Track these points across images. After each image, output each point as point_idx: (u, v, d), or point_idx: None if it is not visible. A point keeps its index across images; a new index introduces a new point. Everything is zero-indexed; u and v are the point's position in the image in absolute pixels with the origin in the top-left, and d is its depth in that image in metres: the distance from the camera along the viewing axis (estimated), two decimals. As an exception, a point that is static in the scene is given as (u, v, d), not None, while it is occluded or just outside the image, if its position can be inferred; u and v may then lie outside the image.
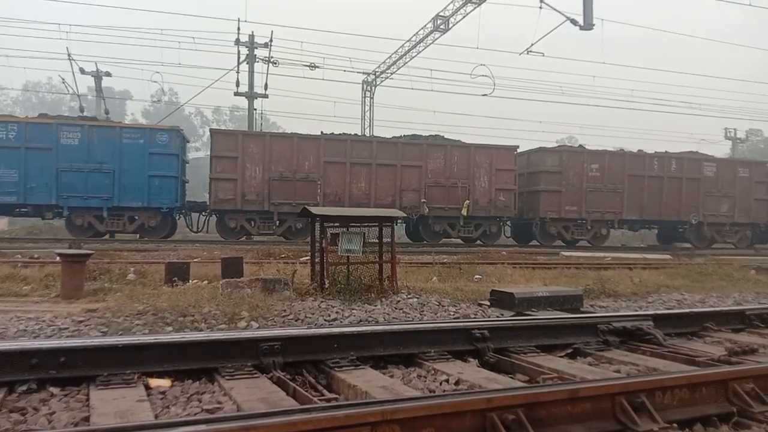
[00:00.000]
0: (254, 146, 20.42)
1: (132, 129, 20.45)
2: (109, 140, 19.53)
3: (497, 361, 4.14)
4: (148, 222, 20.21)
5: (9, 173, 18.89)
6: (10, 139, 18.91)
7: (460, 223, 22.14)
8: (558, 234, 23.41)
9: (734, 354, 4.22)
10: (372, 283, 7.11)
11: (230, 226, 20.64)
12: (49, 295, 7.59)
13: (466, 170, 22.01)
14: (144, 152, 19.73)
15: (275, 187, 20.42)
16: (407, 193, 21.55)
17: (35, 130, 19.13)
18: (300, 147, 20.76)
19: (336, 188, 21.00)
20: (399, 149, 21.60)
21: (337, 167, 20.97)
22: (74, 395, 3.18)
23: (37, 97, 65.70)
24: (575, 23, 18.97)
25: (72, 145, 19.25)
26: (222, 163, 20.25)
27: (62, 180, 19.20)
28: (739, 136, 47.15)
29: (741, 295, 8.54)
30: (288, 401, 3.02)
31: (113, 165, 19.51)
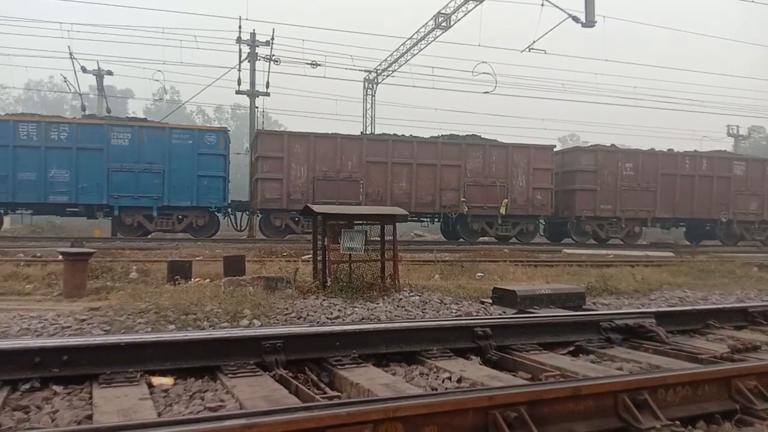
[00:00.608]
0: (299, 147, 20.81)
1: (181, 130, 20.79)
2: (158, 141, 19.90)
3: (499, 358, 4.14)
4: (197, 221, 20.60)
5: (61, 173, 19.20)
6: (62, 140, 19.20)
7: (499, 222, 22.47)
8: (593, 232, 23.72)
9: (737, 351, 4.21)
10: (374, 281, 7.11)
11: (275, 224, 21.00)
12: (51, 294, 7.61)
13: (504, 169, 22.37)
14: (193, 152, 20.13)
15: (319, 187, 20.82)
16: (447, 192, 21.91)
17: (86, 131, 19.45)
18: (343, 147, 21.16)
19: (378, 188, 21.40)
20: (439, 149, 21.95)
21: (379, 167, 21.38)
22: (77, 393, 3.18)
23: (39, 95, 65.79)
24: (577, 20, 18.95)
25: (122, 146, 19.62)
26: (268, 163, 20.62)
27: (113, 180, 19.55)
28: (741, 133, 47.04)
29: (743, 292, 8.53)
30: (290, 399, 3.03)
31: (163, 165, 19.87)
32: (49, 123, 19.47)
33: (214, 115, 68.08)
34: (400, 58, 31.68)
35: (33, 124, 19.24)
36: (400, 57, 31.62)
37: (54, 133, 19.20)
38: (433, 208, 22.03)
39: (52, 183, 19.17)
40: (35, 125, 19.21)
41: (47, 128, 19.22)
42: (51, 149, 19.12)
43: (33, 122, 19.38)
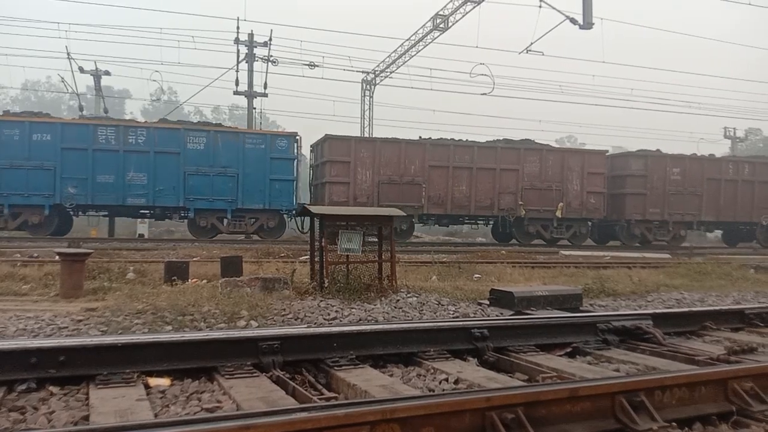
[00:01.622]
0: (365, 151, 21.39)
1: (254, 135, 21.31)
2: (232, 145, 20.35)
3: (497, 360, 4.14)
4: (268, 223, 21.08)
5: (139, 176, 19.61)
6: (140, 144, 19.65)
7: (554, 225, 23.13)
8: (641, 235, 24.29)
9: (733, 353, 4.22)
10: (371, 282, 7.11)
11: None
12: (48, 294, 7.59)
13: (560, 173, 22.98)
14: (265, 157, 20.56)
15: (384, 190, 21.36)
16: (504, 195, 22.45)
17: (163, 135, 19.88)
18: (407, 151, 21.68)
19: (439, 191, 21.92)
20: (497, 153, 22.45)
21: (440, 171, 21.90)
22: (74, 394, 3.18)
23: (36, 95, 65.64)
24: (575, 22, 18.97)
25: (198, 150, 20.06)
26: (336, 167, 21.17)
27: (189, 183, 19.99)
28: (738, 135, 47.17)
29: (740, 294, 8.55)
30: (287, 400, 3.02)
31: (237, 169, 20.32)
32: (127, 127, 20.02)
33: (211, 116, 68.01)
34: (398, 59, 31.67)
35: (112, 128, 19.70)
36: (398, 58, 31.61)
37: (132, 137, 19.69)
38: (492, 211, 22.62)
39: (129, 186, 19.63)
40: (114, 129, 19.68)
41: (125, 132, 19.70)
42: (129, 153, 19.60)
43: (112, 126, 19.85)
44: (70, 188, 19.21)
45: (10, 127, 18.93)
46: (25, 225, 19.64)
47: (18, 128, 18.94)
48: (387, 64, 32.68)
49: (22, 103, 67.36)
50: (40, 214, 19.48)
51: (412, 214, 21.77)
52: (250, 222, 20.80)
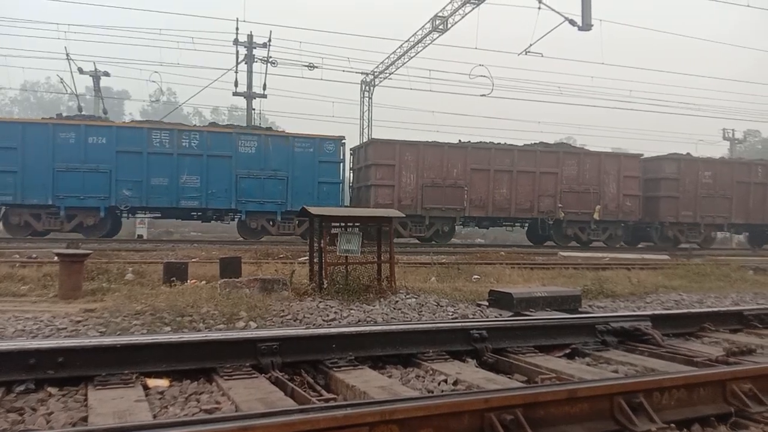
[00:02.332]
0: (409, 155, 21.84)
1: (303, 138, 21.50)
2: (282, 149, 20.88)
3: (495, 361, 4.14)
4: None
5: (192, 179, 20.10)
6: (193, 147, 20.13)
7: (591, 227, 23.73)
8: (674, 237, 24.91)
9: (732, 354, 4.22)
10: (370, 284, 7.11)
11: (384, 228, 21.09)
12: (47, 295, 7.58)
13: (597, 177, 23.54)
14: (314, 160, 21.09)
15: (427, 193, 21.88)
16: (544, 198, 22.99)
17: (215, 139, 20.40)
18: (449, 155, 22.16)
19: (480, 194, 22.42)
20: (537, 157, 22.98)
21: (482, 174, 22.39)
22: (72, 395, 3.17)
23: (36, 96, 65.59)
24: (574, 24, 18.96)
25: (249, 154, 20.54)
26: (381, 170, 21.70)
27: (240, 186, 20.45)
28: (737, 137, 47.25)
29: (739, 295, 8.55)
30: (286, 401, 3.02)
31: (286, 172, 20.83)
32: (180, 131, 20.38)
33: (210, 117, 67.99)
34: (397, 60, 31.67)
35: (165, 132, 20.07)
36: (397, 59, 31.61)
37: (185, 140, 20.11)
38: (531, 214, 23.10)
39: (183, 188, 20.06)
40: (168, 133, 20.06)
41: (179, 136, 20.10)
42: (183, 156, 20.01)
43: (165, 130, 20.20)
44: (125, 191, 19.66)
45: (66, 130, 19.29)
46: (80, 227, 19.91)
47: (74, 131, 19.31)
48: (386, 65, 32.68)
49: (21, 103, 67.37)
50: (95, 216, 19.83)
51: (455, 216, 22.40)
52: (299, 224, 21.14)
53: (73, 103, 32.26)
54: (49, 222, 19.64)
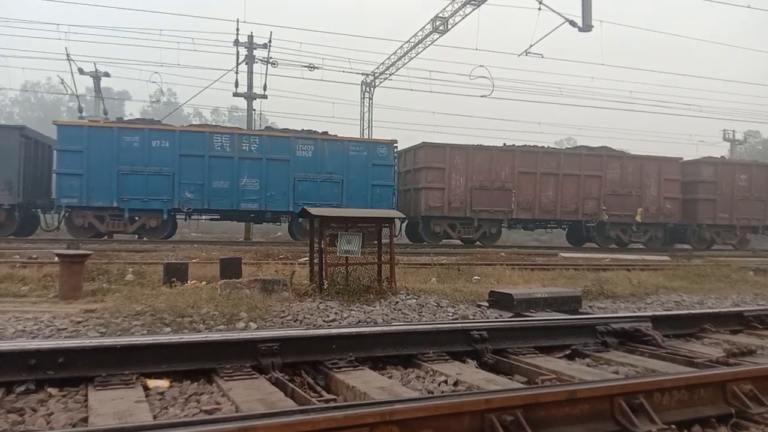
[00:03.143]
0: (459, 158, 22.24)
1: (357, 142, 22.13)
2: (337, 153, 21.23)
3: (496, 362, 4.14)
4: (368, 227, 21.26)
5: (252, 182, 20.46)
6: (253, 151, 20.53)
7: (633, 229, 24.19)
8: (711, 238, 25.55)
9: (732, 355, 4.22)
10: (371, 284, 7.11)
11: (435, 230, 22.49)
12: (47, 296, 7.57)
13: (639, 180, 24.07)
14: (367, 163, 21.42)
15: (476, 196, 22.27)
16: (588, 201, 23.48)
17: (274, 143, 20.74)
18: (497, 158, 22.59)
19: (527, 197, 22.83)
20: (582, 160, 23.51)
21: (529, 177, 22.82)
22: (72, 396, 3.17)
23: (36, 97, 65.64)
24: (574, 25, 18.96)
25: (306, 157, 20.95)
26: (432, 173, 22.12)
27: (298, 189, 20.83)
28: (737, 138, 47.20)
29: (739, 296, 8.55)
30: (286, 402, 3.02)
31: (341, 175, 21.20)
32: (241, 135, 20.87)
33: (211, 118, 68.02)
34: (398, 61, 31.68)
35: (227, 136, 20.47)
36: (398, 60, 31.62)
37: (245, 144, 20.48)
38: (576, 216, 23.56)
39: (243, 191, 20.39)
40: (228, 137, 20.45)
41: (240, 140, 20.47)
42: (243, 159, 20.38)
43: (227, 134, 20.65)
44: (187, 193, 19.97)
45: (130, 134, 19.64)
46: (142, 228, 20.20)
47: (138, 135, 19.63)
48: (386, 66, 32.70)
49: (22, 104, 67.41)
50: (158, 218, 20.12)
51: (502, 218, 22.82)
52: None
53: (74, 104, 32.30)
54: (112, 224, 19.93)
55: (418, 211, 22.32)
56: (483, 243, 22.69)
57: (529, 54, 21.57)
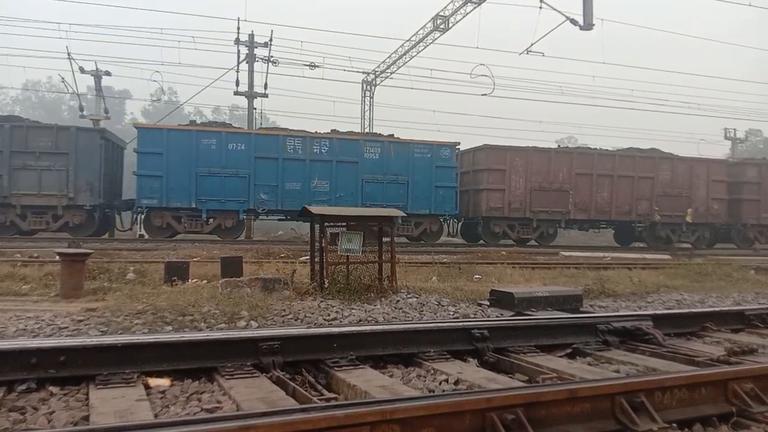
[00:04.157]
0: (518, 160, 22.77)
1: (421, 144, 22.29)
2: (403, 155, 21.70)
3: (497, 360, 4.14)
4: (431, 227, 22.40)
5: (322, 183, 21.00)
6: (323, 153, 21.05)
7: (683, 229, 24.79)
8: (754, 237, 26.14)
9: (733, 354, 4.22)
10: (371, 283, 7.11)
11: (494, 231, 23.01)
12: (48, 295, 7.59)
13: (688, 181, 24.67)
14: (431, 165, 21.85)
15: (535, 197, 22.78)
16: (641, 201, 24.03)
17: (344, 146, 21.22)
18: (555, 160, 23.16)
19: (584, 197, 23.38)
20: (636, 162, 24.03)
21: (585, 178, 23.40)
22: (74, 394, 3.18)
23: (37, 96, 65.64)
24: (575, 23, 18.91)
25: (373, 159, 21.42)
26: (493, 175, 22.64)
27: (365, 190, 21.33)
28: (738, 136, 47.13)
29: (740, 295, 8.54)
30: (287, 401, 3.03)
31: (407, 177, 21.66)
32: (312, 138, 21.16)
33: (212, 116, 67.98)
34: (399, 60, 31.63)
35: (299, 139, 20.91)
36: (399, 59, 31.57)
37: (316, 147, 20.98)
38: (630, 216, 24.07)
39: (314, 192, 20.81)
40: (301, 140, 20.89)
41: (311, 143, 20.93)
42: (314, 162, 20.88)
43: (299, 137, 21.03)
44: (262, 194, 20.46)
45: (208, 137, 20.12)
46: (218, 229, 20.63)
47: (215, 138, 20.12)
48: (387, 64, 32.65)
49: (23, 103, 67.37)
50: (234, 219, 20.58)
51: (560, 219, 23.33)
52: (416, 226, 22.06)
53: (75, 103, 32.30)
54: (189, 224, 20.34)
55: (478, 211, 22.90)
56: (539, 243, 23.23)
57: (530, 52, 21.53)
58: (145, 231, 20.42)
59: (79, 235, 19.50)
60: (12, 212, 19.37)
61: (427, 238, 22.35)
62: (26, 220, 19.57)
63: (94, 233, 20.40)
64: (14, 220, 19.54)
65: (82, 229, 19.98)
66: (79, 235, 19.35)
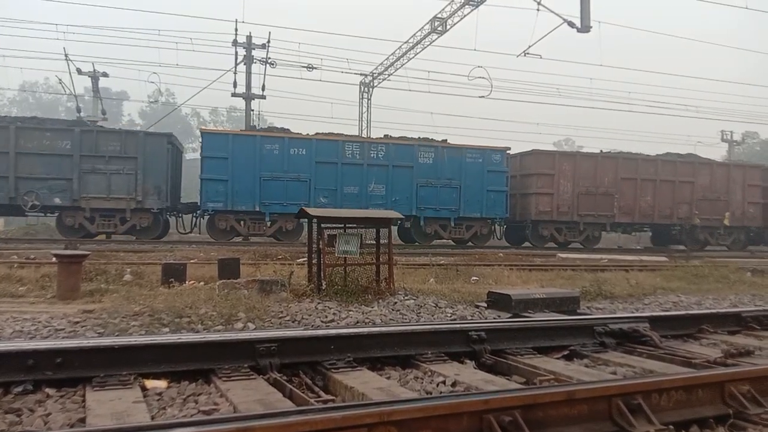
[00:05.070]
0: (567, 164, 23.49)
1: (473, 149, 22.69)
2: (455, 160, 22.16)
3: (494, 362, 4.14)
4: (481, 230, 22.91)
5: (378, 188, 21.52)
6: (379, 158, 21.58)
7: (720, 232, 25.60)
8: None
9: (730, 356, 4.23)
10: (369, 285, 7.11)
11: (543, 234, 23.59)
12: (45, 296, 7.57)
13: (726, 185, 25.45)
14: (483, 170, 22.32)
15: (581, 201, 23.43)
16: (681, 205, 24.77)
17: (399, 151, 21.73)
18: (602, 165, 23.84)
19: (628, 201, 24.07)
20: (677, 167, 24.80)
21: (630, 183, 24.08)
22: (70, 396, 3.17)
23: (34, 97, 65.53)
24: (572, 26, 18.96)
25: (427, 164, 21.92)
26: (542, 179, 23.25)
27: (420, 194, 21.79)
28: (735, 139, 47.28)
29: (737, 297, 8.56)
30: (285, 403, 3.02)
31: (459, 181, 22.14)
32: (369, 143, 22.00)
33: (209, 118, 67.96)
34: (396, 62, 31.66)
35: (357, 145, 21.55)
36: (396, 61, 31.60)
37: (373, 152, 21.54)
38: (671, 220, 24.79)
39: (371, 196, 21.38)
40: (359, 145, 21.53)
41: (368, 148, 21.57)
42: (371, 166, 21.39)
43: (357, 143, 21.71)
44: (322, 198, 20.93)
45: (271, 142, 20.64)
46: (279, 231, 21.00)
47: (278, 143, 20.64)
48: (385, 66, 32.68)
49: (20, 104, 67.26)
50: (295, 222, 20.92)
51: (605, 222, 23.99)
52: (467, 229, 22.56)
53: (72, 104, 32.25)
54: (252, 226, 20.75)
55: (526, 215, 23.39)
56: (585, 245, 23.73)
57: (528, 55, 21.58)
58: (209, 234, 20.87)
59: (144, 237, 20.07)
60: (80, 215, 19.77)
61: (476, 241, 22.80)
62: (94, 222, 19.94)
63: (158, 236, 20.84)
64: (83, 223, 19.87)
65: (148, 232, 20.46)
66: (145, 238, 19.94)
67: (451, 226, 22.26)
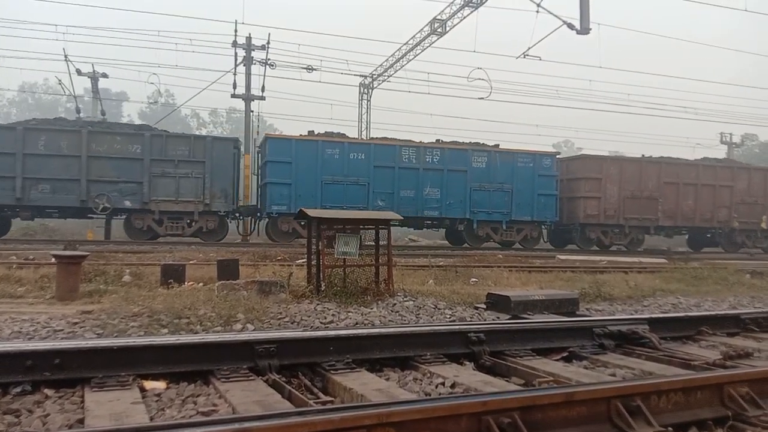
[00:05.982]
0: (613, 168, 24.01)
1: (525, 154, 23.31)
2: (507, 164, 22.57)
3: (493, 364, 4.14)
4: (531, 233, 23.36)
5: (433, 191, 21.93)
6: (435, 163, 21.98)
7: (758, 235, 26.39)
8: None
9: (729, 358, 4.23)
10: (368, 286, 7.10)
11: (590, 237, 24.13)
12: (44, 297, 7.56)
13: (763, 189, 26.26)
14: (533, 174, 22.77)
15: (627, 204, 23.98)
16: (721, 209, 25.46)
17: (453, 155, 22.15)
18: (646, 169, 24.42)
19: (671, 205, 24.70)
20: (716, 172, 25.51)
21: (672, 187, 24.68)
22: (69, 397, 3.16)
23: (33, 98, 65.51)
24: (572, 27, 18.97)
25: (480, 168, 22.35)
26: (589, 183, 23.82)
27: (473, 198, 22.21)
28: (734, 141, 47.27)
29: (736, 299, 8.56)
30: (283, 404, 3.02)
31: (510, 185, 22.54)
32: (425, 148, 22.14)
33: (209, 119, 67.91)
34: (396, 63, 31.67)
35: (413, 149, 21.89)
36: (396, 62, 31.62)
37: (428, 156, 21.91)
38: (711, 223, 25.53)
39: (426, 200, 21.84)
40: (415, 150, 21.87)
41: (424, 152, 21.90)
42: (426, 170, 21.80)
43: (413, 147, 22.00)
44: (379, 201, 21.33)
45: (331, 147, 21.11)
46: None
47: (338, 148, 21.13)
48: (384, 68, 32.69)
49: (19, 105, 67.25)
50: None
51: (649, 225, 24.58)
52: (518, 231, 23.02)
53: (72, 105, 32.24)
54: None
55: (574, 218, 23.93)
56: (628, 248, 24.18)
57: (527, 56, 21.61)
58: (273, 235, 21.25)
59: (210, 240, 20.44)
60: (149, 217, 20.12)
61: (526, 244, 23.20)
62: (162, 225, 20.23)
63: (220, 239, 21.13)
64: (151, 225, 20.15)
65: (214, 234, 20.90)
66: (210, 240, 20.31)
67: (502, 229, 22.72)
